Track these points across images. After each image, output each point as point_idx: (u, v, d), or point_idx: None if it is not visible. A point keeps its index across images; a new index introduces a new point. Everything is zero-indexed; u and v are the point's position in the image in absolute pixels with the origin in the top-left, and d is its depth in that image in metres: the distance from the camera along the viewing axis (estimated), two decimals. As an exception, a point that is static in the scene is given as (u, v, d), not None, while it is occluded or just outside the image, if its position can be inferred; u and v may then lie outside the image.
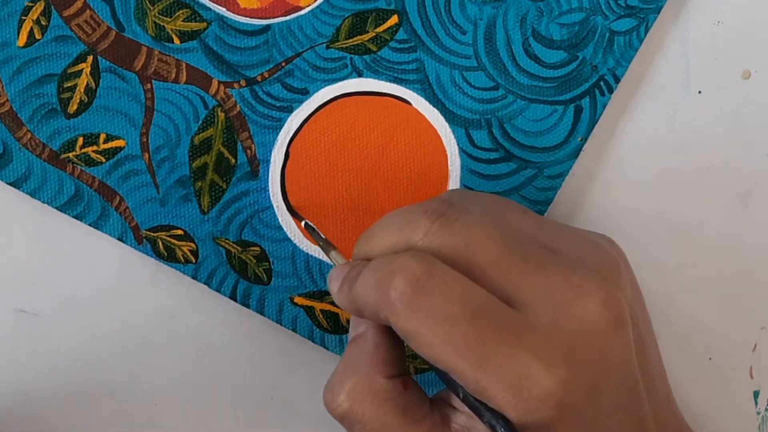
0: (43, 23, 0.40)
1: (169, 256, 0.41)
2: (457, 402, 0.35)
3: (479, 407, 0.33)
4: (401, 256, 0.33)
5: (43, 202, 0.41)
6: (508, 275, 0.33)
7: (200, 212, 0.41)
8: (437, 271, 0.33)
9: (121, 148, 0.41)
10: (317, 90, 0.41)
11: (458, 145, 0.41)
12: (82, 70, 0.40)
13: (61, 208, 0.41)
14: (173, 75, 0.41)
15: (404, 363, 0.36)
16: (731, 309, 0.44)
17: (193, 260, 0.41)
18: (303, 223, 0.40)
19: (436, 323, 0.32)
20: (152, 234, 0.41)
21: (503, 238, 0.34)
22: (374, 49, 0.41)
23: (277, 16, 0.41)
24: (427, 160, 0.41)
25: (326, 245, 0.39)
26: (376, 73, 0.41)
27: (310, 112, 0.41)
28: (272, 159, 0.41)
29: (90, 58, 0.40)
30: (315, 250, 0.41)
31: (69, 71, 0.40)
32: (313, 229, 0.40)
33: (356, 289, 0.34)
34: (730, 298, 0.44)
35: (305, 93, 0.41)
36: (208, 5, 0.40)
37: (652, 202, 0.43)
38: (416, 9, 0.41)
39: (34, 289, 0.42)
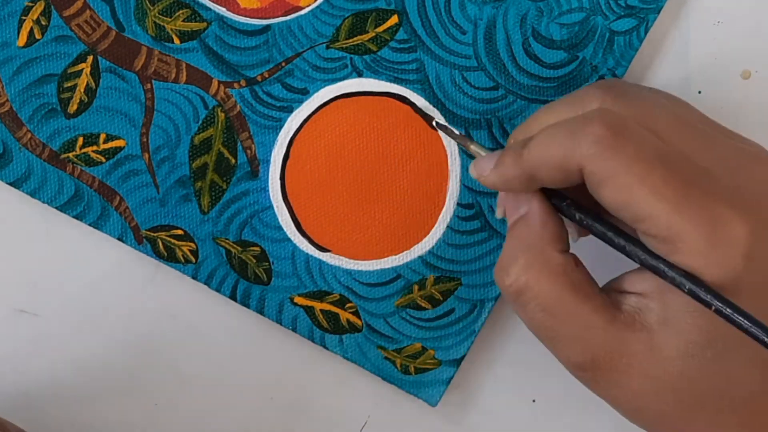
0: (43, 23, 0.40)
1: (169, 256, 0.41)
2: (627, 284, 0.35)
3: (662, 267, 0.32)
4: (592, 110, 0.34)
5: (43, 202, 0.41)
6: (686, 141, 0.34)
7: (200, 212, 0.41)
8: (630, 122, 0.33)
9: (121, 148, 0.41)
10: (317, 90, 0.41)
11: (458, 145, 0.41)
12: (82, 70, 0.40)
13: (61, 208, 0.41)
14: (173, 75, 0.41)
15: (569, 243, 0.36)
16: (731, 309, 0.44)
17: (193, 260, 0.41)
18: (434, 122, 0.40)
19: (635, 163, 0.32)
20: (152, 234, 0.41)
21: (675, 112, 0.35)
22: (374, 49, 0.41)
23: (277, 16, 0.41)
24: (427, 160, 0.41)
25: (463, 140, 0.39)
26: (376, 73, 0.41)
27: (310, 112, 0.41)
28: (272, 159, 0.41)
29: (90, 58, 0.40)
30: (315, 251, 0.41)
31: (69, 71, 0.40)
32: (446, 127, 0.39)
33: (532, 148, 0.34)
34: (730, 298, 0.44)
35: (305, 93, 0.41)
36: (208, 5, 0.40)
37: (652, 202, 0.43)
38: (416, 9, 0.41)
39: (34, 289, 0.42)
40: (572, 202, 0.35)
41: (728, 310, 0.31)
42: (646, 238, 0.33)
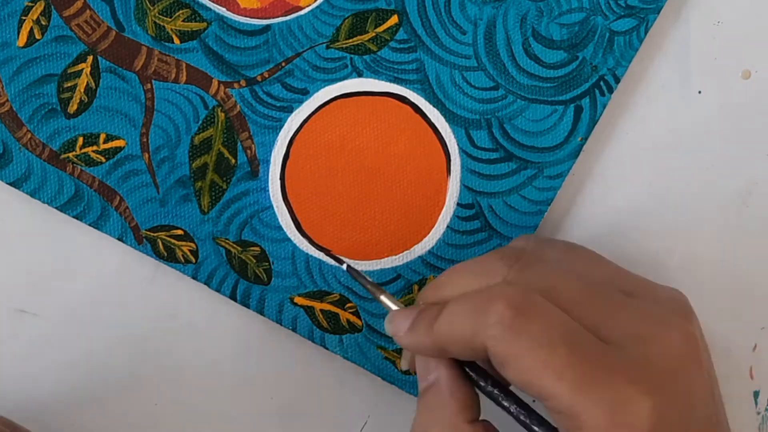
0: (43, 23, 0.40)
1: (169, 256, 0.41)
2: None
3: None
4: (496, 285, 0.34)
5: (43, 202, 0.41)
6: (592, 313, 0.34)
7: (200, 212, 0.41)
8: (534, 298, 0.33)
9: (121, 148, 0.41)
10: (317, 90, 0.41)
11: (458, 145, 0.41)
12: (82, 70, 0.40)
13: (61, 208, 0.41)
14: (173, 75, 0.41)
15: (479, 407, 0.36)
16: (731, 309, 0.44)
17: (193, 260, 0.41)
18: (345, 266, 0.40)
19: (537, 346, 0.32)
20: (152, 234, 0.41)
21: (583, 282, 0.35)
22: (374, 49, 0.41)
23: (277, 16, 0.41)
24: (427, 160, 0.41)
25: (375, 289, 0.39)
26: (376, 73, 0.41)
27: (310, 112, 0.41)
28: (272, 159, 0.41)
29: (90, 58, 0.40)
30: (315, 251, 0.41)
31: (69, 71, 0.40)
32: (358, 273, 0.39)
33: (441, 324, 0.35)
34: (730, 298, 0.44)
35: (305, 93, 0.41)
36: (208, 5, 0.40)
37: (652, 202, 0.43)
38: (416, 9, 0.41)
39: (34, 289, 0.42)
40: (473, 368, 0.36)
41: None
42: (552, 414, 0.33)
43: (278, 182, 0.41)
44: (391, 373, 0.42)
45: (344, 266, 0.40)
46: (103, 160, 0.41)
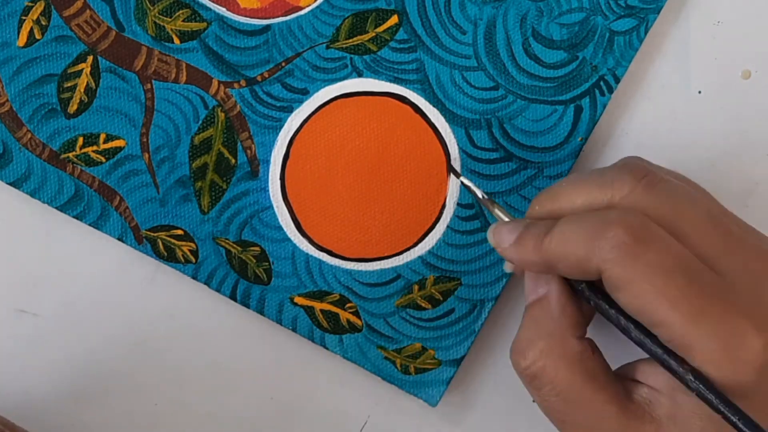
0: (43, 23, 0.40)
1: (169, 256, 0.41)
2: (640, 374, 0.35)
3: (672, 364, 0.33)
4: (615, 210, 0.34)
5: (43, 202, 0.41)
6: (711, 243, 0.34)
7: (200, 212, 0.41)
8: (653, 226, 0.33)
9: (121, 148, 0.41)
10: (317, 90, 0.41)
11: (458, 145, 0.41)
12: (82, 70, 0.40)
13: (61, 208, 0.41)
14: (173, 75, 0.41)
15: (586, 326, 0.36)
16: (731, 309, 0.44)
17: (193, 260, 0.41)
18: (461, 180, 0.40)
19: (653, 273, 0.32)
20: (152, 234, 0.41)
21: (705, 211, 0.34)
22: (374, 49, 0.41)
23: (277, 16, 0.41)
24: (427, 160, 0.41)
25: (488, 202, 0.39)
26: (376, 73, 0.41)
27: (310, 112, 0.41)
28: (272, 159, 0.41)
29: (90, 58, 0.40)
30: (315, 251, 0.41)
31: (69, 71, 0.40)
32: (470, 188, 0.39)
33: (553, 241, 0.34)
34: (730, 298, 0.44)
35: (305, 93, 0.41)
36: (208, 5, 0.40)
37: (652, 202, 0.43)
38: (416, 9, 0.41)
39: (34, 289, 0.42)
40: (589, 286, 0.35)
41: (735, 416, 0.31)
42: (663, 340, 0.33)
43: (278, 182, 0.41)
44: (391, 373, 0.42)
45: (460, 179, 0.40)
46: (103, 160, 0.41)
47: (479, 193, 0.39)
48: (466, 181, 0.40)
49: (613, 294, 0.33)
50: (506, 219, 0.38)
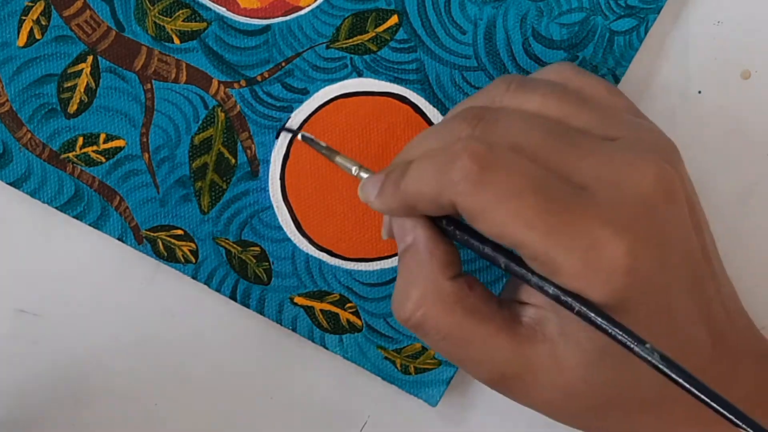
0: (43, 23, 0.40)
1: (169, 256, 0.41)
2: (525, 295, 0.35)
3: (545, 287, 0.33)
4: (460, 141, 0.33)
5: (43, 202, 0.41)
6: (560, 160, 0.33)
7: (200, 212, 0.41)
8: (498, 150, 0.33)
9: (121, 148, 0.41)
10: (317, 90, 0.41)
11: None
12: (82, 70, 0.40)
13: (61, 208, 0.41)
14: (173, 75, 0.41)
15: (461, 264, 0.36)
16: (731, 309, 0.44)
17: (193, 260, 0.41)
18: (300, 136, 0.40)
19: (504, 197, 0.32)
20: (152, 234, 0.41)
21: (547, 132, 0.34)
22: (374, 49, 0.41)
23: (277, 16, 0.41)
24: (427, 160, 0.41)
25: (329, 152, 0.39)
26: (376, 73, 0.41)
27: (310, 112, 0.41)
28: (272, 159, 0.41)
29: (90, 58, 0.40)
30: (315, 251, 0.41)
31: (69, 71, 0.40)
32: (311, 139, 0.39)
33: (407, 182, 0.34)
34: (730, 298, 0.44)
35: (305, 93, 0.41)
36: (208, 5, 0.40)
37: (652, 202, 0.43)
38: (416, 9, 0.41)
39: (34, 289, 0.42)
40: (452, 221, 0.35)
41: (612, 329, 0.31)
42: (528, 261, 0.33)
43: (278, 182, 0.41)
44: (391, 373, 0.42)
45: (299, 135, 0.40)
46: (103, 160, 0.41)
47: (321, 144, 0.39)
48: (308, 135, 0.40)
49: (471, 224, 0.33)
50: (352, 167, 0.38)
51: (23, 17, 0.40)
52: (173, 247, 0.41)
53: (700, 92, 0.43)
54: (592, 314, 0.31)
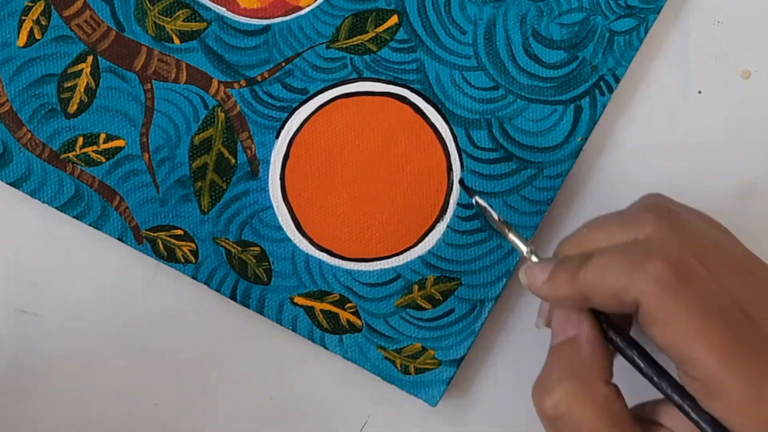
0: (43, 23, 0.40)
1: (169, 256, 0.41)
2: (664, 418, 0.35)
3: (686, 408, 0.33)
4: (652, 241, 0.33)
5: (43, 202, 0.41)
6: (740, 287, 0.33)
7: (200, 212, 0.41)
8: (692, 262, 0.33)
9: (121, 148, 0.41)
10: (317, 90, 0.41)
11: (458, 145, 0.41)
12: (82, 70, 0.40)
13: (61, 208, 0.41)
14: (173, 75, 0.41)
15: (612, 370, 0.35)
16: (731, 309, 0.44)
17: (193, 260, 0.41)
18: (474, 200, 0.40)
19: (692, 311, 0.32)
20: (152, 234, 0.41)
21: (731, 253, 0.34)
22: (374, 49, 0.41)
23: (277, 16, 0.41)
24: (427, 160, 0.41)
25: (503, 226, 0.38)
26: (376, 73, 0.41)
27: (310, 112, 0.41)
28: (272, 159, 0.41)
29: (90, 58, 0.40)
30: (315, 251, 0.41)
31: (69, 71, 0.40)
32: (486, 209, 0.39)
33: (588, 272, 0.34)
34: (730, 298, 0.44)
35: (305, 93, 0.41)
36: (208, 5, 0.40)
37: (652, 202, 0.43)
38: (416, 9, 0.41)
39: (34, 289, 0.42)
40: (613, 326, 0.35)
41: None
42: (687, 378, 0.33)
43: (278, 182, 0.41)
44: (391, 373, 0.42)
45: (474, 199, 0.40)
46: (103, 160, 0.41)
47: (495, 216, 0.39)
48: (482, 202, 0.39)
49: (646, 327, 0.33)
50: (521, 245, 0.37)
51: (23, 17, 0.40)
52: (173, 247, 0.41)
53: (700, 92, 0.43)
54: None
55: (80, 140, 0.40)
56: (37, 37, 0.40)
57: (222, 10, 0.40)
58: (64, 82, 0.40)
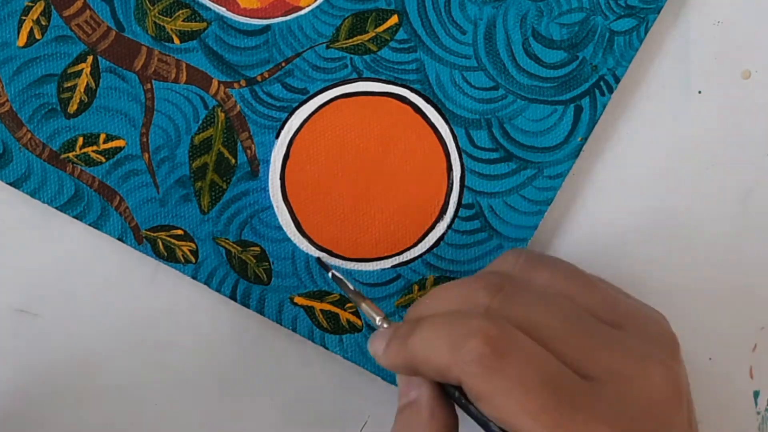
0: (43, 23, 0.40)
1: (169, 256, 0.41)
2: None
3: None
4: (476, 316, 0.33)
5: (43, 202, 0.41)
6: (574, 349, 0.33)
7: (200, 212, 0.41)
8: (513, 335, 0.33)
9: (121, 148, 0.41)
10: (317, 90, 0.41)
11: (458, 145, 0.41)
12: (82, 70, 0.40)
13: (61, 208, 0.41)
14: (173, 75, 0.41)
15: (457, 430, 0.36)
16: (731, 309, 0.44)
17: (193, 260, 0.41)
18: (330, 274, 0.40)
19: (513, 387, 0.32)
20: (152, 234, 0.41)
21: (566, 315, 0.34)
22: (374, 49, 0.41)
23: (277, 16, 0.41)
24: (427, 160, 0.41)
25: (356, 297, 0.38)
26: (376, 73, 0.41)
27: (310, 112, 0.41)
28: (272, 159, 0.41)
29: (90, 58, 0.40)
30: (315, 251, 0.41)
31: (69, 71, 0.40)
32: (341, 281, 0.39)
33: (414, 345, 0.34)
34: (730, 298, 0.44)
35: (305, 93, 0.41)
36: (208, 5, 0.40)
37: (652, 202, 0.43)
38: (416, 9, 0.41)
39: (34, 289, 0.42)
40: (460, 391, 0.35)
41: None
42: None
43: (278, 182, 0.41)
44: (390, 373, 0.42)
45: (330, 274, 0.40)
46: (103, 160, 0.41)
47: (350, 286, 0.39)
48: (338, 274, 0.40)
49: (475, 403, 0.33)
50: (376, 316, 0.37)
51: (23, 17, 0.40)
52: (173, 247, 0.41)
53: (700, 92, 0.43)
54: None
55: (80, 140, 0.40)
56: (37, 37, 0.40)
57: (222, 10, 0.40)
58: (64, 82, 0.40)
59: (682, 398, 0.34)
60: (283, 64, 0.41)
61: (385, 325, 0.37)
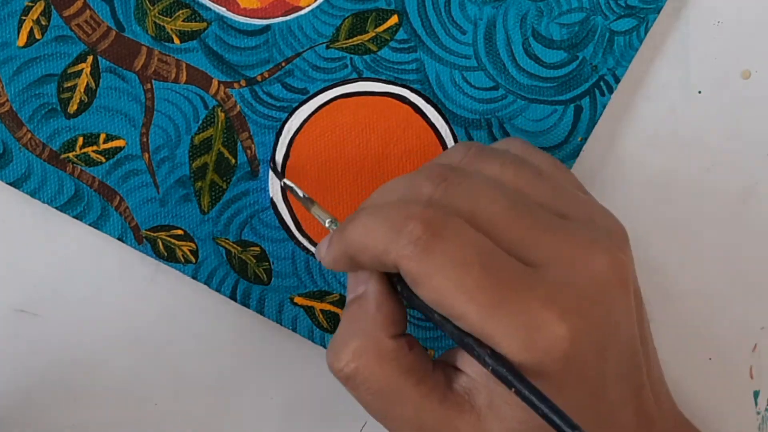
0: (43, 23, 0.40)
1: (169, 256, 0.41)
2: (460, 362, 0.35)
3: (470, 343, 0.32)
4: (416, 203, 0.33)
5: (43, 202, 0.41)
6: (515, 235, 0.33)
7: (200, 212, 0.41)
8: (452, 219, 0.32)
9: (121, 148, 0.41)
10: (317, 90, 0.41)
11: (458, 145, 0.41)
12: (82, 70, 0.40)
13: (61, 208, 0.41)
14: (173, 75, 0.41)
15: (406, 323, 0.35)
16: (731, 309, 0.44)
17: (193, 260, 0.41)
18: (282, 183, 0.40)
19: (449, 267, 0.32)
20: (152, 234, 0.41)
21: (509, 203, 0.34)
22: (374, 49, 0.41)
23: (277, 16, 0.41)
24: (427, 160, 0.41)
25: (306, 202, 0.39)
26: (376, 73, 0.41)
27: (310, 112, 0.41)
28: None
29: (90, 58, 0.40)
30: (312, 248, 0.41)
31: (69, 71, 0.40)
32: (291, 188, 0.39)
33: (352, 232, 0.34)
34: (730, 298, 0.44)
35: (305, 93, 0.41)
36: (208, 5, 0.40)
37: (652, 201, 0.43)
38: (416, 9, 0.41)
39: (34, 289, 0.42)
40: (406, 285, 0.34)
41: (528, 393, 0.31)
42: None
43: (278, 182, 0.41)
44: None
45: (281, 182, 0.40)
46: (103, 160, 0.41)
47: (300, 193, 0.39)
48: (289, 182, 0.40)
49: (413, 289, 0.33)
50: (324, 216, 0.37)
51: (23, 17, 0.40)
52: (173, 247, 0.41)
53: (700, 92, 0.43)
54: (533, 397, 0.31)
55: (80, 140, 0.40)
56: (37, 37, 0.40)
57: (222, 10, 0.40)
58: (64, 82, 0.40)
59: (628, 286, 0.34)
60: (283, 64, 0.41)
61: (335, 227, 0.37)
